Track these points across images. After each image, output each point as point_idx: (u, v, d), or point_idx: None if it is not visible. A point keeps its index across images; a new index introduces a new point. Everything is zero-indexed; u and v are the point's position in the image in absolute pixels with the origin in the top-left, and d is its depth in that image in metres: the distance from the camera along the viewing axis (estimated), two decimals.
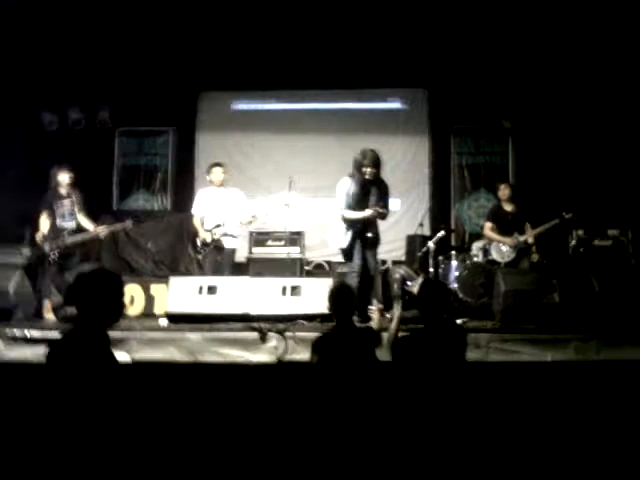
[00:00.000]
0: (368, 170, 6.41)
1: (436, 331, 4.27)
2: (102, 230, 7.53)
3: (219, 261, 7.44)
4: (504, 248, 7.89)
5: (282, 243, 8.38)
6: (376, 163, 6.47)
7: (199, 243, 7.49)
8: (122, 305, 3.25)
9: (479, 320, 6.98)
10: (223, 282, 6.58)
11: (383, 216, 6.62)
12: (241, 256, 8.48)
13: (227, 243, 7.51)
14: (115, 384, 3.07)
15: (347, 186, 6.54)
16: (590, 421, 5.70)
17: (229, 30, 8.86)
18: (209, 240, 7.42)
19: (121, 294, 3.23)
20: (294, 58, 9.44)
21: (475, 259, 8.10)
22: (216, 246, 7.44)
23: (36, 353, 5.75)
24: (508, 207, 8.04)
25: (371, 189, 6.53)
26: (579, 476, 5.47)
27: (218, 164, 7.73)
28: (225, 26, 8.76)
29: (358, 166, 6.48)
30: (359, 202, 6.51)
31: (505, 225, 7.95)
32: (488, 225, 8.08)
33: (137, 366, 4.76)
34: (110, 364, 3.12)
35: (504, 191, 8.09)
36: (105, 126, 10.15)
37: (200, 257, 7.52)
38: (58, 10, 8.23)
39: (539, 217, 8.02)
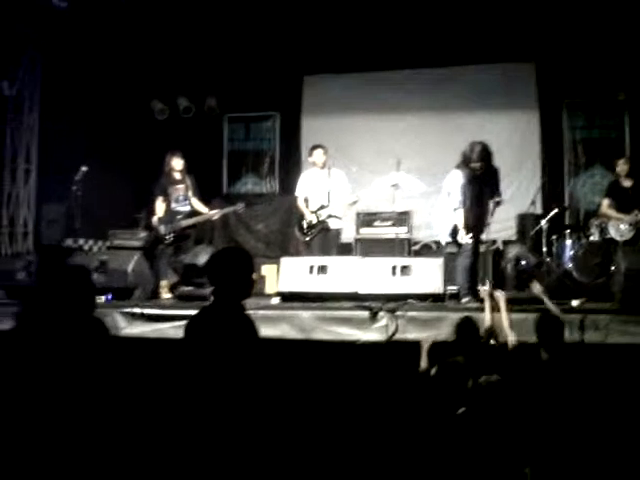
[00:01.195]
0: (477, 165, 6.22)
1: None
2: (215, 213, 7.71)
3: (325, 242, 7.49)
4: (623, 226, 7.54)
5: (389, 223, 8.33)
6: (484, 157, 6.23)
7: (305, 225, 7.56)
8: (253, 280, 3.41)
9: (596, 301, 6.71)
10: (333, 262, 6.60)
11: (499, 204, 6.47)
12: (347, 237, 8.47)
13: (332, 224, 7.55)
14: (255, 355, 3.16)
15: (458, 180, 6.38)
16: None
17: (332, 12, 8.83)
18: (315, 222, 7.49)
19: (252, 270, 3.41)
20: (395, 37, 9.30)
21: (591, 238, 7.78)
22: (322, 227, 7.50)
23: (155, 329, 6.02)
24: (627, 183, 7.69)
25: (483, 180, 6.35)
26: None
27: (319, 146, 7.75)
28: (328, 9, 8.74)
29: (467, 161, 6.29)
30: (473, 197, 6.34)
31: (624, 202, 7.59)
32: (606, 202, 7.75)
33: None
34: (250, 335, 3.23)
35: (623, 166, 7.74)
36: (213, 113, 10.41)
37: (307, 239, 7.57)
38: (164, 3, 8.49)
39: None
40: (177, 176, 7.67)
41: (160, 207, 7.59)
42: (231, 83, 10.20)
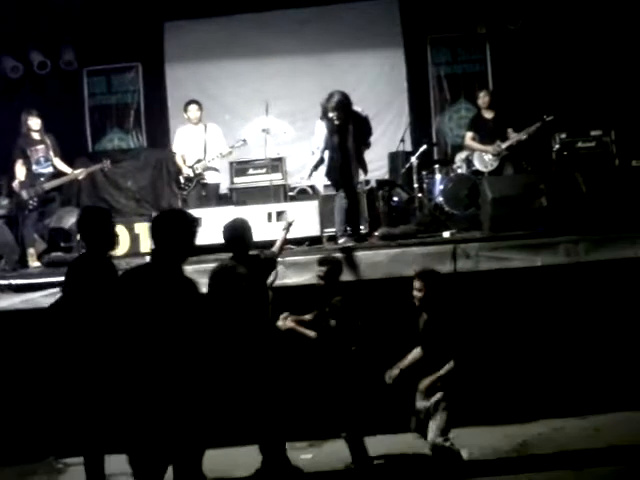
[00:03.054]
0: (335, 115, 6.17)
1: None
2: (80, 172, 7.42)
3: (204, 195, 7.57)
4: (487, 157, 7.83)
5: (264, 171, 8.25)
6: (341, 106, 6.15)
7: (182, 180, 7.64)
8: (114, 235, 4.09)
9: (467, 231, 6.98)
10: (208, 214, 6.49)
11: (367, 146, 6.53)
12: (223, 188, 8.43)
13: (210, 177, 7.65)
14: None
15: (322, 130, 6.34)
16: (582, 320, 5.79)
17: None
18: (192, 175, 7.57)
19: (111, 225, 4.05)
20: None
21: (459, 171, 8.02)
22: (199, 181, 7.59)
23: (25, 300, 5.74)
24: (488, 115, 7.95)
25: (345, 128, 6.29)
26: (571, 375, 5.61)
27: (193, 101, 7.78)
28: None
29: (324, 111, 6.24)
30: (335, 147, 6.32)
31: (486, 133, 7.86)
32: (469, 135, 8.01)
33: None
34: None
35: (484, 99, 7.98)
36: (70, 67, 9.81)
37: (185, 193, 7.66)
38: None
39: (520, 122, 7.91)
40: (35, 136, 7.32)
41: (20, 170, 7.25)
42: (88, 34, 9.58)
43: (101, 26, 9.43)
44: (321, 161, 6.41)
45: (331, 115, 6.17)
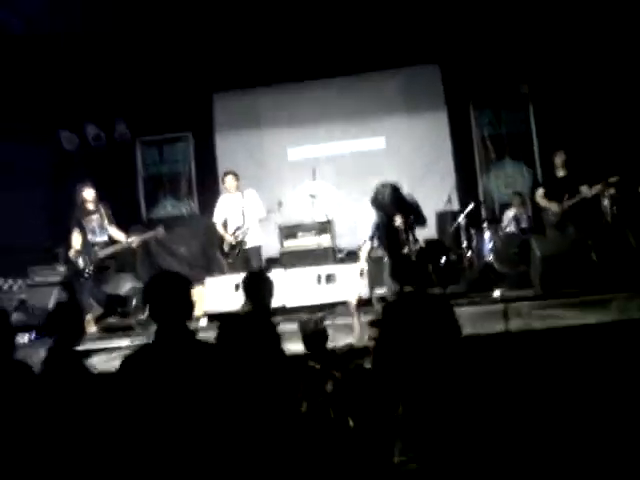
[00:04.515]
0: (397, 220, 6.06)
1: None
2: (134, 240, 7.59)
3: (247, 261, 7.57)
4: (552, 217, 7.59)
5: (312, 233, 8.35)
6: (395, 200, 6.03)
7: (226, 248, 7.71)
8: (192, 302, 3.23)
9: (518, 289, 6.92)
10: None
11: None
12: (273, 251, 8.54)
13: (250, 241, 7.67)
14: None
15: (370, 215, 6.25)
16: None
17: (235, 24, 8.78)
18: (234, 243, 7.63)
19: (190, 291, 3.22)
20: (300, 49, 9.33)
21: (507, 229, 8.02)
22: (241, 247, 7.63)
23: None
24: (561, 172, 7.71)
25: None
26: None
27: (229, 172, 7.92)
28: (231, 22, 8.71)
29: (379, 206, 6.13)
30: (389, 238, 6.22)
31: (556, 190, 7.53)
32: (540, 192, 7.71)
33: None
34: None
35: (558, 158, 7.69)
36: (124, 138, 10.22)
37: (230, 261, 7.71)
38: (63, 27, 8.28)
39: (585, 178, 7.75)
40: (90, 207, 7.53)
41: (77, 240, 7.43)
42: (140, 106, 10.00)
43: (152, 97, 9.84)
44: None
45: (393, 219, 6.08)
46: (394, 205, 6.10)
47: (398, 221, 6.06)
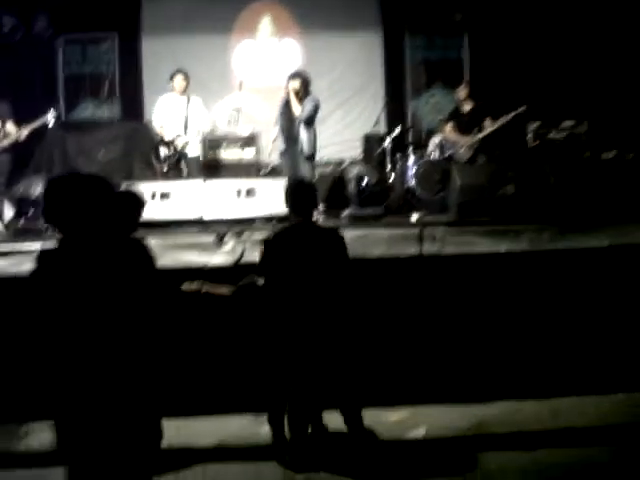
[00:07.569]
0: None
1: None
2: (22, 131, 7.25)
3: (184, 168, 7.41)
4: (462, 150, 7.77)
5: (237, 146, 8.20)
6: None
7: (162, 155, 7.42)
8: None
9: (436, 214, 7.05)
10: (176, 187, 6.45)
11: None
12: None
13: (190, 151, 7.46)
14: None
15: None
16: (543, 306, 5.88)
17: None
18: (171, 152, 7.38)
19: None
20: None
21: (432, 155, 8.08)
22: (179, 157, 7.41)
23: None
24: (467, 106, 7.89)
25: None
26: (530, 358, 5.69)
27: (179, 71, 7.61)
28: None
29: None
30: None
31: (464, 124, 7.82)
32: (449, 125, 7.94)
33: None
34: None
35: (462, 91, 7.90)
36: (45, 34, 9.65)
37: (165, 170, 7.42)
38: None
39: (496, 110, 7.92)
40: None
41: None
42: (64, 1, 9.45)
43: None
44: None
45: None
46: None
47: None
